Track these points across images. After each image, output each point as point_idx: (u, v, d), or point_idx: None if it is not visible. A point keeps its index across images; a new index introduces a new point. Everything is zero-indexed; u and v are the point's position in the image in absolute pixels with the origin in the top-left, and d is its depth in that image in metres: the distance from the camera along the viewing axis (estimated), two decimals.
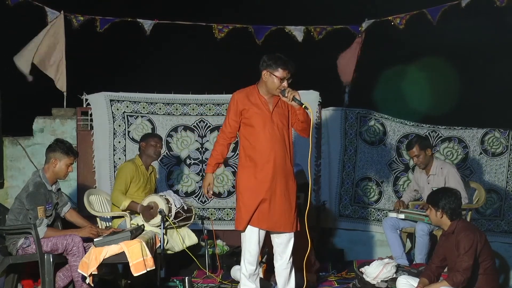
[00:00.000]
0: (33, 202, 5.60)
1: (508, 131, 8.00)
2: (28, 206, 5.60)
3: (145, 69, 9.06)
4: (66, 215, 5.98)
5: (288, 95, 5.23)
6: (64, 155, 5.77)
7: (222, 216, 7.78)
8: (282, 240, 5.37)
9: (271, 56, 5.31)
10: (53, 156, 5.76)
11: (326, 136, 7.91)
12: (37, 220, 5.57)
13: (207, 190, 5.46)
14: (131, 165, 6.63)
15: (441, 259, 5.40)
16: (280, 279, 5.44)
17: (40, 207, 5.60)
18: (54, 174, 5.78)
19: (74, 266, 5.50)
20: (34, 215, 5.59)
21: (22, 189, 5.76)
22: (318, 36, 8.21)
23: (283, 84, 5.26)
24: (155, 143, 6.71)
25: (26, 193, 5.63)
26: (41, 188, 5.67)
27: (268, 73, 5.28)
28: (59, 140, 5.92)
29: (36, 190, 5.63)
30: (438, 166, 6.90)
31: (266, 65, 5.29)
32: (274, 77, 5.26)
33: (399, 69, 9.30)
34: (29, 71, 7.78)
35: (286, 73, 5.26)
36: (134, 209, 6.44)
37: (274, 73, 5.26)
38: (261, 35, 8.09)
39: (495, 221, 7.97)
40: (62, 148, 5.78)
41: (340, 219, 7.95)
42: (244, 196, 5.29)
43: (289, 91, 5.24)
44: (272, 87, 5.29)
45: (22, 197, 5.65)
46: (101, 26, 7.93)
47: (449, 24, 8.32)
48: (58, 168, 5.77)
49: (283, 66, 5.25)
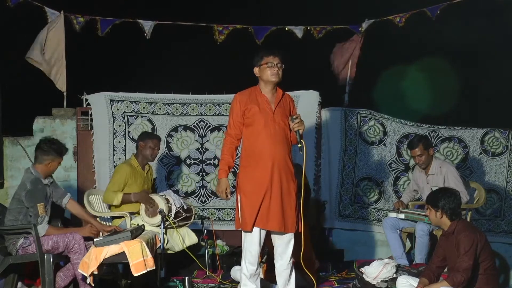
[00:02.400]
0: (33, 200, 5.60)
1: (508, 131, 8.01)
2: (28, 204, 5.59)
3: (145, 69, 9.05)
4: (68, 206, 5.95)
5: (294, 124, 5.30)
6: (58, 156, 5.79)
7: (222, 216, 7.78)
8: (282, 240, 5.37)
9: (257, 52, 5.42)
10: (47, 158, 5.74)
11: (326, 136, 7.91)
12: (38, 218, 5.58)
13: (225, 194, 5.38)
14: (126, 167, 6.60)
15: (441, 259, 5.40)
16: (280, 279, 5.44)
17: (40, 204, 5.61)
18: (45, 172, 5.77)
19: (76, 264, 5.50)
20: (34, 212, 5.59)
21: (19, 188, 5.73)
22: (318, 35, 8.21)
23: (295, 116, 5.33)
24: (154, 146, 6.68)
25: (25, 191, 5.62)
26: (39, 184, 5.68)
27: (257, 68, 5.38)
28: (50, 140, 5.88)
29: (34, 187, 5.63)
30: (437, 166, 6.90)
31: (254, 62, 5.40)
32: (264, 66, 5.34)
33: (399, 69, 9.30)
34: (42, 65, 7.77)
35: (272, 58, 5.33)
36: (128, 200, 6.41)
37: (262, 63, 5.34)
38: (261, 36, 8.10)
39: (495, 221, 7.97)
40: (55, 149, 5.77)
41: (340, 219, 7.95)
42: (246, 196, 5.29)
43: (297, 123, 5.30)
44: (266, 76, 5.35)
45: (21, 195, 5.64)
46: (101, 27, 7.95)
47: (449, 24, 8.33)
48: (52, 168, 5.80)
49: (266, 53, 5.36)
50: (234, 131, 5.39)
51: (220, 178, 5.41)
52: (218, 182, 5.45)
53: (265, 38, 8.09)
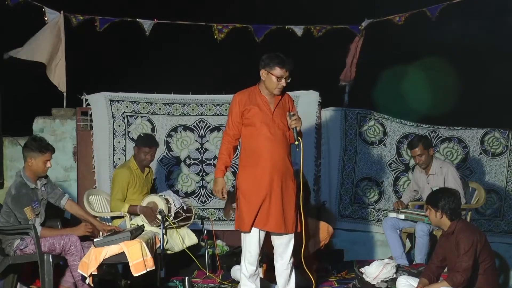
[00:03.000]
0: (18, 205, 5.56)
1: (508, 131, 8.00)
2: (15, 210, 5.56)
3: (145, 69, 9.05)
4: (66, 207, 5.92)
5: (292, 120, 5.29)
6: (38, 153, 5.67)
7: (222, 216, 7.77)
8: (282, 240, 5.37)
9: (269, 55, 5.33)
10: (28, 155, 5.68)
11: (326, 136, 7.91)
12: (29, 222, 5.55)
13: (221, 194, 5.38)
14: (125, 170, 6.59)
15: (441, 260, 5.40)
16: (280, 279, 5.44)
17: (27, 208, 5.56)
18: (33, 173, 5.70)
19: (73, 266, 5.49)
20: (23, 217, 5.56)
21: (6, 193, 5.70)
22: (318, 33, 8.20)
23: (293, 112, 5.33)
24: (147, 152, 6.64)
25: (10, 197, 5.59)
26: (23, 188, 5.62)
27: (265, 72, 5.31)
28: (33, 138, 5.85)
29: (17, 193, 5.58)
30: (437, 166, 6.91)
31: (264, 64, 5.31)
32: (272, 75, 5.28)
33: (399, 69, 9.30)
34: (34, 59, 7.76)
35: (284, 71, 5.27)
36: (134, 212, 6.44)
37: (272, 72, 5.27)
38: (260, 34, 8.09)
39: (495, 221, 7.97)
40: (35, 146, 5.68)
41: (340, 219, 7.95)
42: (245, 197, 5.29)
43: (295, 120, 5.30)
44: (271, 86, 5.30)
45: (8, 201, 5.61)
46: (100, 26, 7.93)
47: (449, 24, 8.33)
48: (35, 166, 5.68)
49: (280, 64, 5.26)
50: (233, 131, 5.38)
51: (217, 178, 5.42)
52: (214, 182, 5.46)
53: (265, 36, 8.08)
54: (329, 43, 8.38)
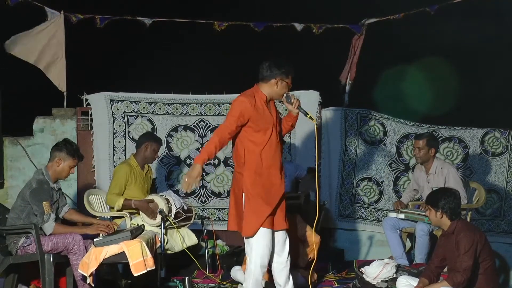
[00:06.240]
0: (37, 198, 5.61)
1: (508, 131, 8.00)
2: (32, 202, 5.60)
3: (145, 69, 9.05)
4: (65, 216, 5.97)
5: (294, 102, 5.29)
6: (69, 157, 5.78)
7: (222, 216, 7.78)
8: (279, 238, 5.38)
9: (282, 63, 5.29)
10: (59, 155, 5.77)
11: (326, 136, 7.91)
12: (44, 216, 5.59)
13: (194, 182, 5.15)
14: (126, 167, 6.61)
15: (441, 259, 5.40)
16: (279, 278, 5.44)
17: (46, 202, 5.61)
18: (56, 173, 5.79)
19: (75, 265, 5.51)
20: (40, 211, 5.59)
21: (25, 187, 5.76)
22: (318, 30, 8.19)
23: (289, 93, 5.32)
24: (158, 149, 6.75)
25: (30, 190, 5.65)
26: (45, 184, 5.69)
27: (280, 80, 5.28)
28: (67, 141, 5.93)
29: (39, 186, 5.65)
30: (438, 166, 6.91)
31: (281, 73, 5.26)
32: (286, 83, 5.30)
33: (399, 69, 9.30)
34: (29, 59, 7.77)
35: (291, 79, 5.33)
36: (129, 206, 6.43)
37: (287, 80, 5.29)
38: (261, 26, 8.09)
39: (495, 221, 7.97)
40: (69, 149, 5.79)
41: (340, 219, 7.95)
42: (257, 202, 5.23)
43: (295, 99, 5.30)
44: (281, 93, 5.32)
45: (25, 194, 5.66)
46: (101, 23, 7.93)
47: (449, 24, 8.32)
48: (60, 168, 5.78)
49: (293, 73, 5.32)
50: (231, 133, 5.30)
51: (197, 164, 5.17)
52: (193, 167, 5.18)
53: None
54: (329, 43, 8.38)
